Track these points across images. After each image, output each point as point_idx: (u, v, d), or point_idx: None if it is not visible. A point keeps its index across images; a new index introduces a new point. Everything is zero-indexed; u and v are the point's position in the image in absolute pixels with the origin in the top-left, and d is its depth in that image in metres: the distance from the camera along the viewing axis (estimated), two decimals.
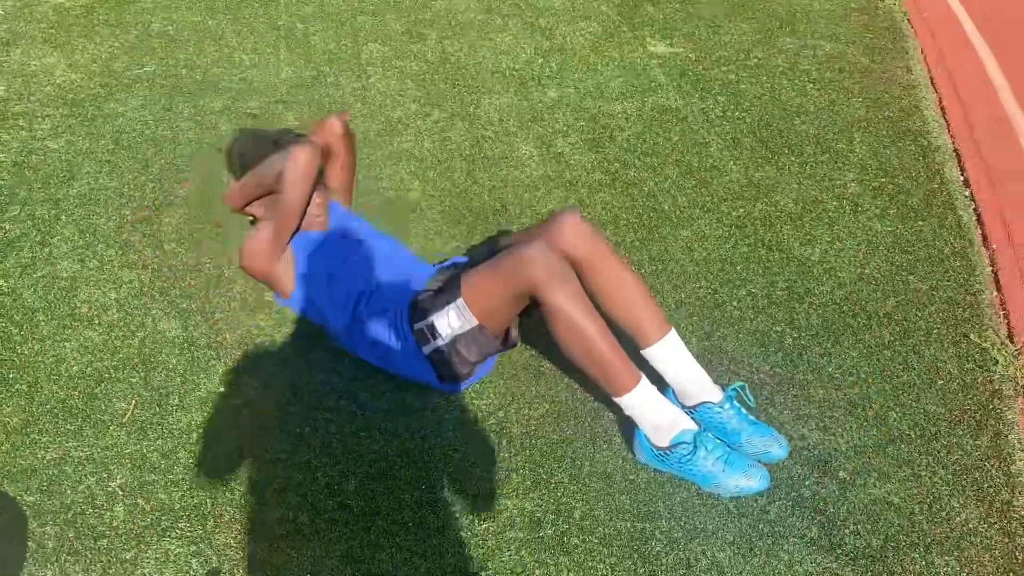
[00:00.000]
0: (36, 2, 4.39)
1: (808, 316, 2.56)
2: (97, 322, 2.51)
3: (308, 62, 3.87)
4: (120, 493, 2.04)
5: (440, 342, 2.17)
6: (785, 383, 2.35)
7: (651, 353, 2.17)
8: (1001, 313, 2.62)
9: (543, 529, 1.97)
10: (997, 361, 2.43)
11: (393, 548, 1.93)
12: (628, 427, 2.13)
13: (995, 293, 2.69)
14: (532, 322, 2.21)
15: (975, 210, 3.05)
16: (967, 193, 3.14)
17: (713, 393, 2.14)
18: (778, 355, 2.43)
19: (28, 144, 3.29)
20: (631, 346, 2.14)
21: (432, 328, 2.17)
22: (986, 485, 2.09)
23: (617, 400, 2.06)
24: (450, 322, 2.15)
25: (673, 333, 2.16)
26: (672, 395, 2.19)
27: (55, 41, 4.04)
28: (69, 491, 2.04)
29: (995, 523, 2.00)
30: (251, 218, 2.59)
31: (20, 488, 2.04)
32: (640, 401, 2.03)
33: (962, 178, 3.23)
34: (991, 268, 2.79)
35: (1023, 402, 2.33)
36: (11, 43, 4.00)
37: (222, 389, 2.31)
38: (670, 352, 2.16)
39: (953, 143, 3.43)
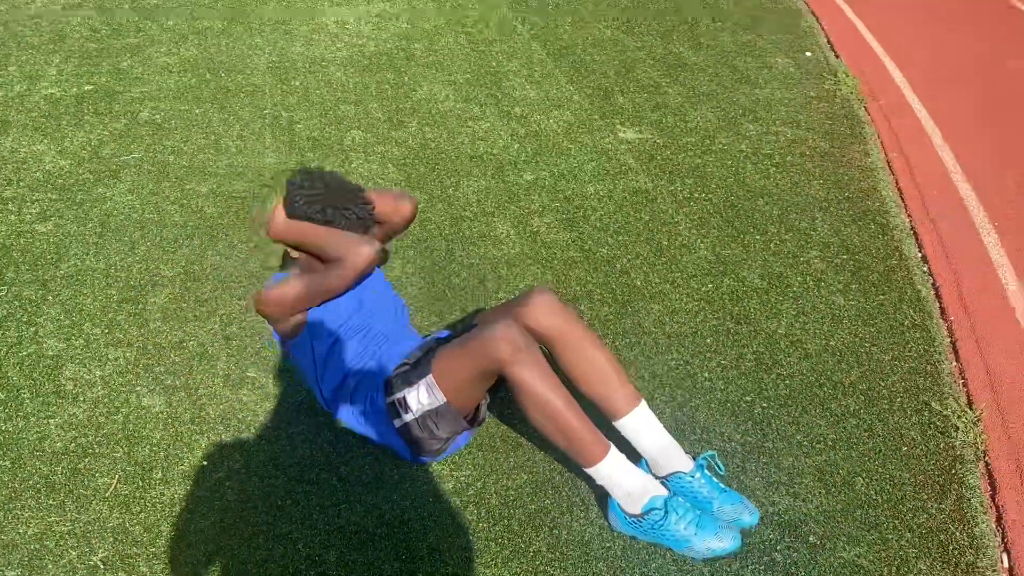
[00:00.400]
0: (28, 92, 4.54)
1: (776, 386, 2.65)
2: (82, 399, 2.55)
3: (292, 148, 4.01)
4: (102, 567, 2.05)
5: (410, 416, 2.22)
6: (755, 451, 2.42)
7: (622, 425, 2.23)
8: (960, 382, 2.72)
9: None
10: (958, 428, 2.51)
11: None
12: (604, 495, 2.18)
13: (954, 362, 2.80)
14: (511, 393, 2.27)
15: (933, 284, 3.19)
16: (925, 268, 3.29)
17: (684, 463, 2.20)
18: (748, 424, 2.51)
19: (16, 228, 3.37)
20: (603, 419, 2.22)
21: (403, 402, 2.22)
22: (951, 547, 2.15)
23: (588, 471, 2.12)
24: (419, 397, 2.20)
25: (643, 405, 2.24)
26: (645, 466, 2.25)
27: (45, 129, 4.17)
28: (51, 565, 2.05)
29: None
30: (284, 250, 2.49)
31: (1, 563, 2.05)
32: (610, 471, 2.09)
33: (920, 254, 3.38)
34: (950, 339, 2.91)
35: (984, 467, 2.42)
36: (2, 131, 4.12)
37: (205, 463, 2.34)
38: (641, 424, 2.22)
39: (910, 221, 3.60)
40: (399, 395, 2.23)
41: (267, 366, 2.69)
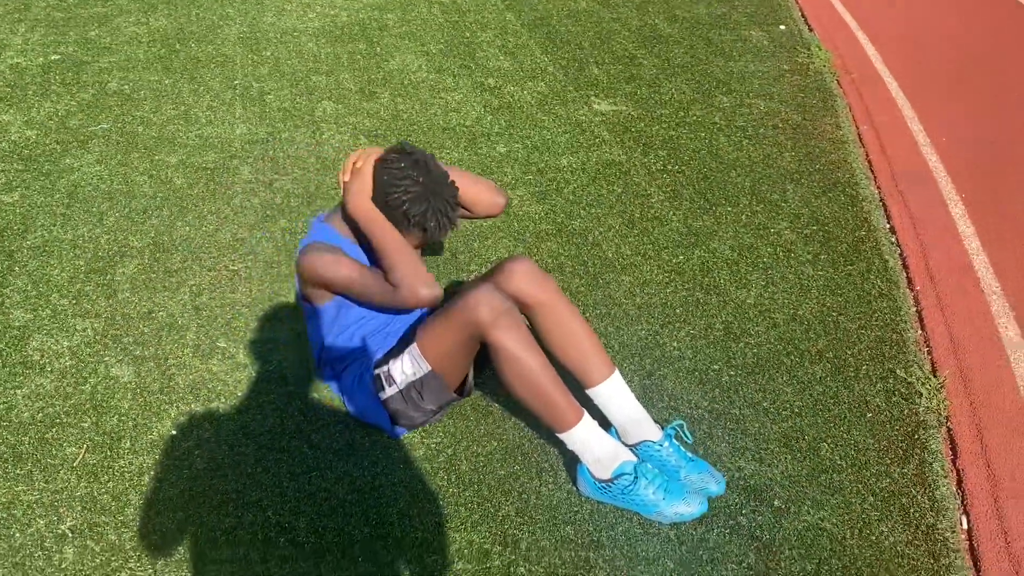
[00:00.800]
0: None
1: (744, 355, 2.68)
2: (49, 369, 2.53)
3: (263, 119, 3.97)
4: (70, 535, 2.05)
5: (394, 389, 2.23)
6: (722, 418, 2.45)
7: (595, 393, 2.25)
8: (925, 350, 2.77)
9: (490, 560, 2.03)
10: (922, 394, 2.56)
11: None
12: (572, 462, 2.21)
13: (919, 331, 2.85)
14: (490, 357, 2.27)
15: (900, 255, 3.22)
16: (893, 239, 3.33)
17: (653, 432, 2.22)
18: (716, 392, 2.54)
19: None
20: (576, 386, 2.24)
21: (388, 375, 2.23)
22: (912, 510, 2.19)
23: (561, 436, 2.14)
24: (403, 368, 2.21)
25: (617, 374, 2.25)
26: (615, 434, 2.27)
27: (11, 99, 4.09)
28: (18, 534, 2.05)
29: (921, 546, 2.10)
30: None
31: None
32: (583, 436, 2.11)
33: (888, 225, 3.41)
34: (915, 308, 2.95)
35: (946, 432, 2.46)
36: None
37: (174, 432, 2.34)
38: (613, 392, 2.24)
39: (879, 193, 3.63)
40: (384, 368, 2.24)
41: (237, 337, 2.68)
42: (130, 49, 4.68)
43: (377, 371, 2.25)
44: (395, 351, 2.27)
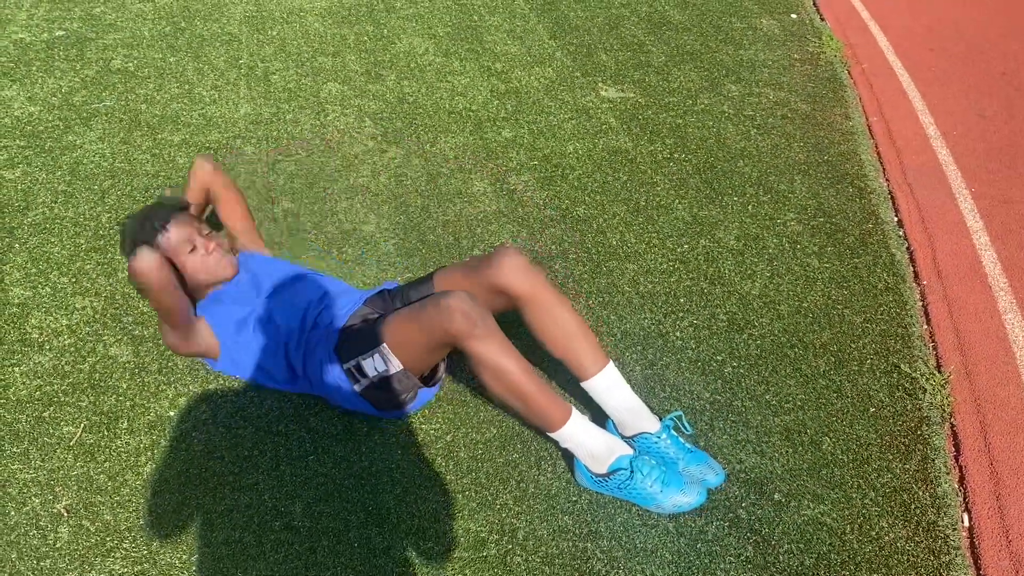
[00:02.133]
0: None
1: (747, 346, 2.66)
2: (48, 347, 2.51)
3: (267, 99, 3.94)
4: (65, 515, 2.04)
5: (366, 382, 2.20)
6: (724, 409, 2.43)
7: (590, 386, 2.23)
8: (930, 345, 2.74)
9: (487, 549, 2.01)
10: (926, 390, 2.54)
11: (338, 568, 1.96)
12: (570, 452, 2.19)
13: (925, 326, 2.82)
14: (469, 364, 2.24)
15: (907, 248, 3.19)
16: (900, 232, 3.29)
17: (651, 423, 2.20)
18: (718, 383, 2.52)
19: None
20: (571, 378, 2.21)
21: (359, 369, 2.20)
22: (913, 506, 2.18)
23: (551, 436, 2.11)
24: (375, 365, 2.17)
25: (611, 365, 2.22)
26: (612, 425, 2.25)
27: (14, 75, 4.06)
28: (13, 512, 2.04)
29: (921, 542, 2.09)
30: None
31: None
32: (573, 434, 2.09)
33: (896, 219, 3.38)
34: (921, 302, 2.92)
35: (949, 428, 2.44)
36: None
37: (172, 413, 2.33)
38: (608, 384, 2.21)
39: (888, 186, 3.59)
40: (353, 363, 2.20)
41: None
42: (135, 26, 4.64)
43: (346, 366, 2.21)
44: (358, 346, 2.21)
